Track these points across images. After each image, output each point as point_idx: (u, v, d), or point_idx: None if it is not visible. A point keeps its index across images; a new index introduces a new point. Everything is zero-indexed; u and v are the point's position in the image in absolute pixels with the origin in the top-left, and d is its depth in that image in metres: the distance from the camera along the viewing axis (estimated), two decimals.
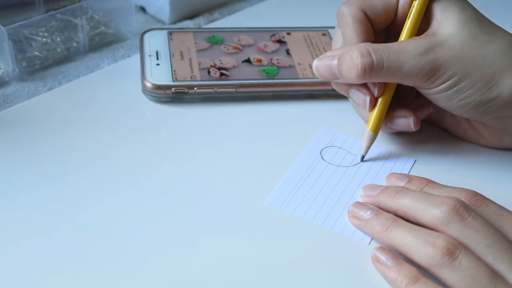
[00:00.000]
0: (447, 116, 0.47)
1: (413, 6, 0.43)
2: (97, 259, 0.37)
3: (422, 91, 0.43)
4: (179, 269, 0.37)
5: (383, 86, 0.44)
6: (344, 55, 0.43)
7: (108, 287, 0.36)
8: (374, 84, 0.44)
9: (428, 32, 0.43)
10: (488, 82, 0.41)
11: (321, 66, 0.44)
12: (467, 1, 0.43)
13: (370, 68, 0.42)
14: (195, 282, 0.36)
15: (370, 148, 0.46)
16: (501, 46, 0.42)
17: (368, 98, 0.44)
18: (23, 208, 0.40)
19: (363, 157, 0.46)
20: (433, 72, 0.41)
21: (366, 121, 0.45)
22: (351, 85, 0.45)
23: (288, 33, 0.57)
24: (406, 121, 0.45)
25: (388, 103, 0.45)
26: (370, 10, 0.44)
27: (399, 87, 0.45)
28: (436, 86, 0.42)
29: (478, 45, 0.41)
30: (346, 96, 0.46)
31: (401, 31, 0.44)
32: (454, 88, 0.41)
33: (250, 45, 0.55)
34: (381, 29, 0.46)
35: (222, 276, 0.37)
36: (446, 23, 0.42)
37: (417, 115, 0.45)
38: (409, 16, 0.44)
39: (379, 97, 0.44)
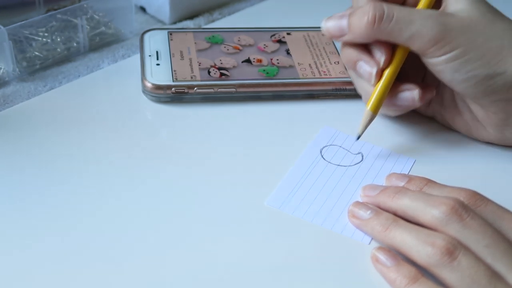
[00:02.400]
0: (449, 106, 0.47)
1: None
2: (97, 259, 0.37)
3: (430, 61, 0.43)
4: (179, 269, 0.37)
5: (390, 55, 0.44)
6: (356, 9, 0.44)
7: (107, 287, 0.36)
8: (381, 52, 0.44)
9: (440, 8, 0.44)
10: (496, 56, 0.42)
11: (330, 21, 0.45)
12: None
13: (380, 18, 0.42)
14: (195, 282, 0.36)
15: (370, 148, 0.46)
16: (509, 25, 0.43)
17: (374, 70, 0.44)
18: (23, 208, 0.40)
19: (359, 136, 0.46)
20: (441, 36, 0.42)
21: (366, 100, 0.45)
22: (359, 56, 0.45)
23: (288, 33, 0.57)
24: (411, 94, 0.45)
25: (390, 83, 0.45)
26: None
27: (407, 72, 0.46)
28: (443, 54, 0.42)
29: (487, 21, 0.42)
30: (351, 68, 0.46)
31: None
32: (461, 59, 0.42)
33: (250, 45, 0.55)
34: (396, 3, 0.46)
35: (222, 276, 0.37)
36: (457, 2, 0.43)
37: (422, 89, 0.45)
38: None
39: (385, 68, 0.44)
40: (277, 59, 0.53)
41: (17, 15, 0.56)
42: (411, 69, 0.47)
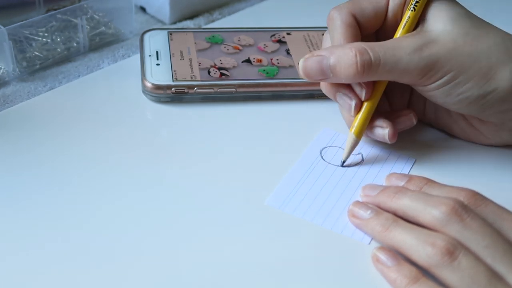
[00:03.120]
0: (444, 116, 0.47)
1: (410, 6, 0.43)
2: (97, 259, 0.37)
3: (420, 88, 0.43)
4: (179, 268, 0.37)
5: (371, 90, 0.44)
6: (338, 53, 0.42)
7: (106, 287, 0.36)
8: (361, 87, 0.43)
9: (419, 29, 0.43)
10: (485, 76, 0.41)
11: (310, 65, 0.43)
12: (456, 0, 0.43)
13: (368, 66, 0.41)
14: (195, 282, 0.36)
15: (370, 149, 0.46)
16: (494, 40, 0.42)
17: (353, 103, 0.44)
18: (22, 208, 0.40)
19: (343, 162, 0.45)
20: (428, 68, 0.41)
21: (349, 126, 0.45)
22: (338, 89, 0.44)
23: (288, 33, 0.57)
24: (382, 132, 0.44)
25: (373, 109, 0.44)
26: (360, 14, 0.44)
27: (394, 90, 0.45)
28: (433, 82, 0.42)
29: (471, 40, 0.41)
30: (332, 98, 0.46)
31: (389, 35, 0.44)
32: (452, 83, 0.41)
33: (250, 45, 0.55)
34: (370, 33, 0.46)
35: (222, 275, 0.37)
36: (437, 21, 0.42)
37: (395, 127, 0.44)
38: (405, 17, 0.43)
39: (366, 100, 0.44)
40: (277, 59, 0.53)
41: (17, 15, 0.56)
42: (397, 88, 0.47)
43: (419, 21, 0.43)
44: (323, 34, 0.46)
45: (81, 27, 0.55)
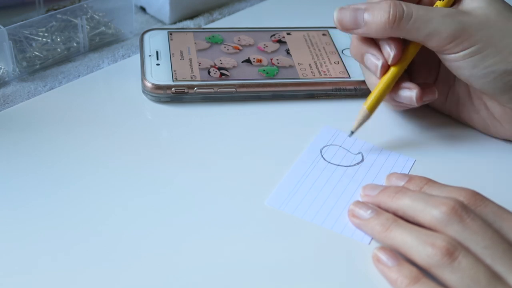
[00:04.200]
0: (466, 105, 0.47)
1: None
2: (97, 258, 0.37)
3: (447, 57, 0.44)
4: (179, 269, 0.37)
5: (399, 54, 0.44)
6: (373, 5, 0.44)
7: (106, 287, 0.36)
8: (391, 48, 0.44)
9: (455, 6, 0.44)
10: None
11: (344, 13, 0.45)
12: None
13: (400, 17, 0.42)
14: (195, 282, 0.36)
15: (370, 148, 0.46)
16: None
17: (380, 63, 0.45)
18: (22, 208, 0.40)
19: (352, 132, 0.46)
20: (458, 34, 0.42)
21: (373, 89, 0.46)
22: (367, 49, 0.45)
23: (288, 33, 0.57)
24: (409, 93, 0.45)
25: (393, 83, 0.45)
26: None
27: (419, 74, 0.45)
28: (461, 51, 0.42)
29: (503, 18, 0.43)
30: (359, 61, 0.46)
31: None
32: (479, 55, 0.42)
33: (250, 45, 0.55)
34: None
35: (222, 275, 0.37)
36: (473, 0, 0.43)
37: (422, 90, 0.45)
38: None
39: (393, 65, 0.45)
40: (277, 59, 0.53)
41: (17, 15, 0.56)
42: (424, 67, 0.48)
43: (455, 1, 0.45)
44: (323, 34, 0.46)
45: (81, 27, 0.55)
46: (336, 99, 0.51)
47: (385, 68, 0.45)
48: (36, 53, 0.54)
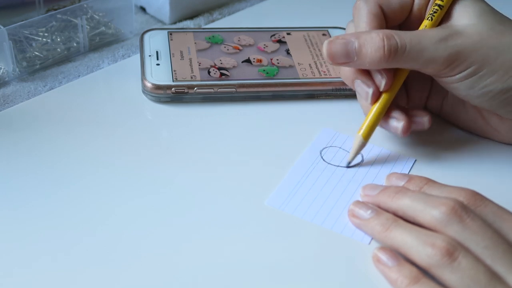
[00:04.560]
0: (461, 113, 0.47)
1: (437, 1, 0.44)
2: (96, 258, 0.37)
3: (443, 80, 0.43)
4: (179, 269, 0.37)
5: (391, 81, 0.44)
6: (364, 37, 0.42)
7: (107, 286, 0.36)
8: (382, 76, 0.43)
9: (444, 24, 0.44)
10: (509, 70, 0.41)
11: (335, 47, 0.43)
12: None
13: (395, 51, 0.41)
14: (195, 282, 0.36)
15: (370, 149, 0.46)
16: None
17: (371, 91, 0.44)
18: (22, 208, 0.40)
19: (349, 163, 0.45)
20: (453, 58, 0.41)
21: (366, 113, 0.45)
22: (357, 75, 0.44)
23: (288, 33, 0.57)
24: (396, 124, 0.44)
25: (385, 108, 0.44)
26: (386, 5, 0.45)
27: (414, 83, 0.45)
28: (457, 74, 0.42)
29: (496, 34, 0.42)
30: (349, 85, 0.46)
31: (413, 28, 0.45)
32: (475, 76, 0.42)
33: (250, 45, 0.55)
34: (394, 25, 0.46)
35: (222, 275, 0.37)
36: (463, 16, 0.43)
37: (409, 123, 0.44)
38: (431, 10, 0.44)
39: (385, 92, 0.44)
40: (277, 59, 0.53)
41: (17, 15, 0.56)
42: (417, 81, 0.47)
43: (444, 17, 0.44)
44: (323, 34, 0.46)
45: (81, 27, 0.55)
46: (336, 99, 0.51)
47: (376, 95, 0.44)
48: (36, 53, 0.54)
